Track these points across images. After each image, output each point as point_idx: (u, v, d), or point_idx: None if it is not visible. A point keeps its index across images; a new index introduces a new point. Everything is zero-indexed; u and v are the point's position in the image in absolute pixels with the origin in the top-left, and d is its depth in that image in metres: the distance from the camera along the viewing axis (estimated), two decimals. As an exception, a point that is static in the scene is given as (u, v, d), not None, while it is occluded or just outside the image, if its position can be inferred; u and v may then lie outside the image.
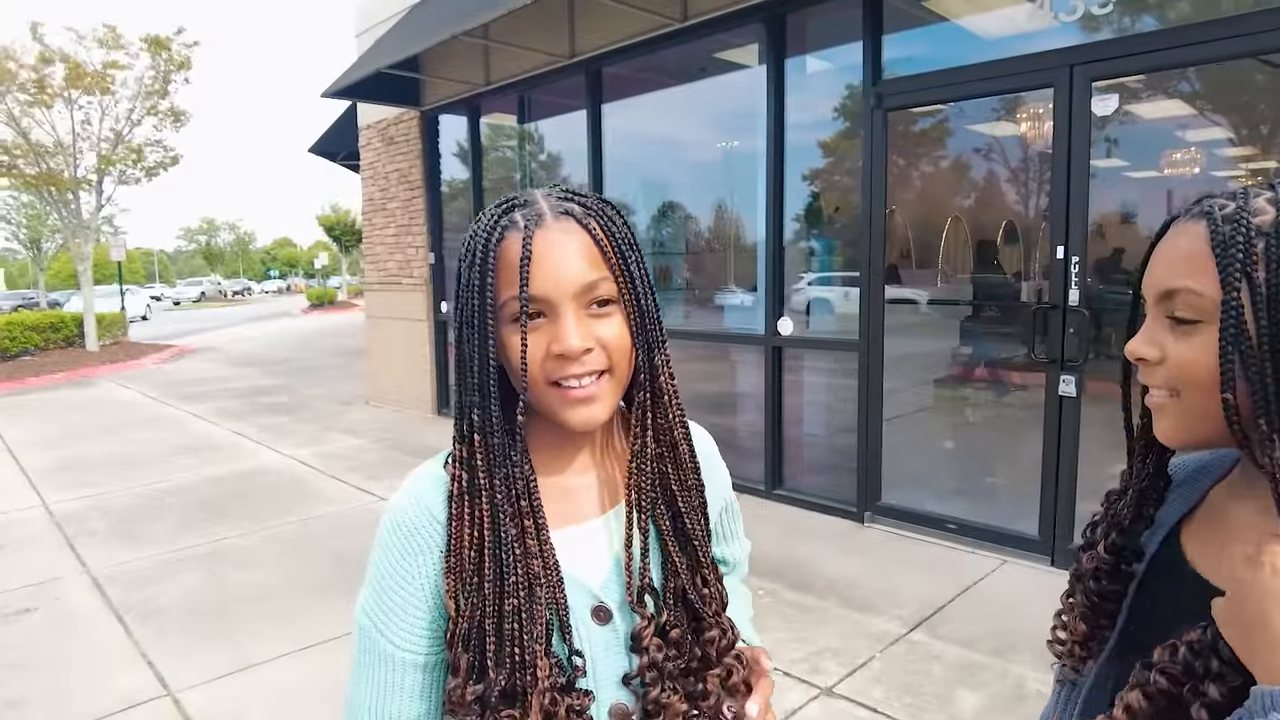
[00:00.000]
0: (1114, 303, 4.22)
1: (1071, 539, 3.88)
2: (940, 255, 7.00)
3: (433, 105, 7.68)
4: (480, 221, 0.76)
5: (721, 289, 6.14)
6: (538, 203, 0.76)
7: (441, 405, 8.06)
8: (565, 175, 7.21)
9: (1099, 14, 3.72)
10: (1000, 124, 5.41)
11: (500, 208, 0.77)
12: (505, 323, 0.74)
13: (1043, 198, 6.29)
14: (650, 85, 6.20)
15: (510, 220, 0.74)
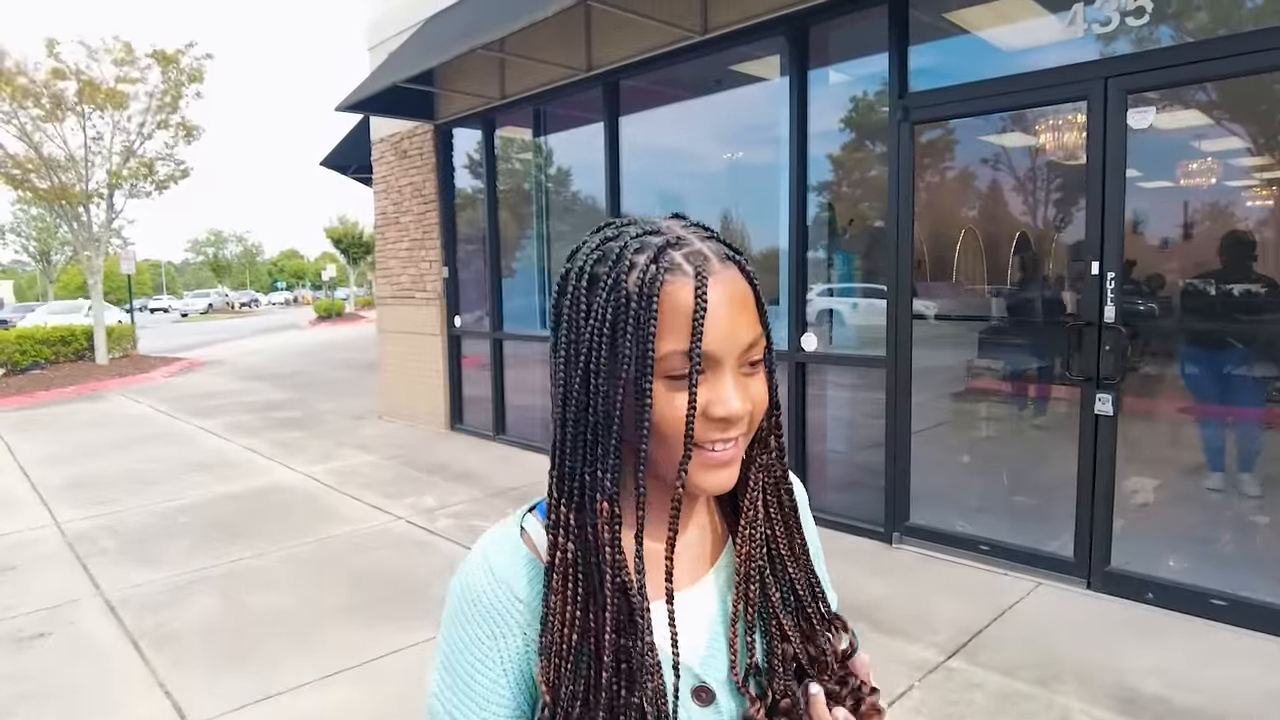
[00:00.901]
0: (1137, 314, 4.11)
1: (1109, 561, 3.78)
2: (954, 267, 6.88)
3: (447, 119, 7.64)
4: (621, 257, 0.66)
5: None
6: (692, 242, 0.68)
7: (454, 420, 7.99)
8: (578, 190, 7.16)
9: (1134, 25, 3.64)
10: (1010, 135, 5.34)
11: (645, 241, 0.68)
12: (656, 378, 0.66)
13: (1056, 208, 6.22)
14: (669, 98, 6.15)
15: (670, 261, 0.66)
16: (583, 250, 0.69)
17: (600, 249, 0.68)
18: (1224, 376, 4.08)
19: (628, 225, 0.70)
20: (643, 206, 6.36)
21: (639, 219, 0.72)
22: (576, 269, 0.68)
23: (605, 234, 0.70)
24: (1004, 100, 4.09)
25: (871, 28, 4.48)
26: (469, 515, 5.21)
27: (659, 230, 0.68)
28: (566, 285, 0.69)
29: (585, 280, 0.67)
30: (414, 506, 5.44)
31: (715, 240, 0.70)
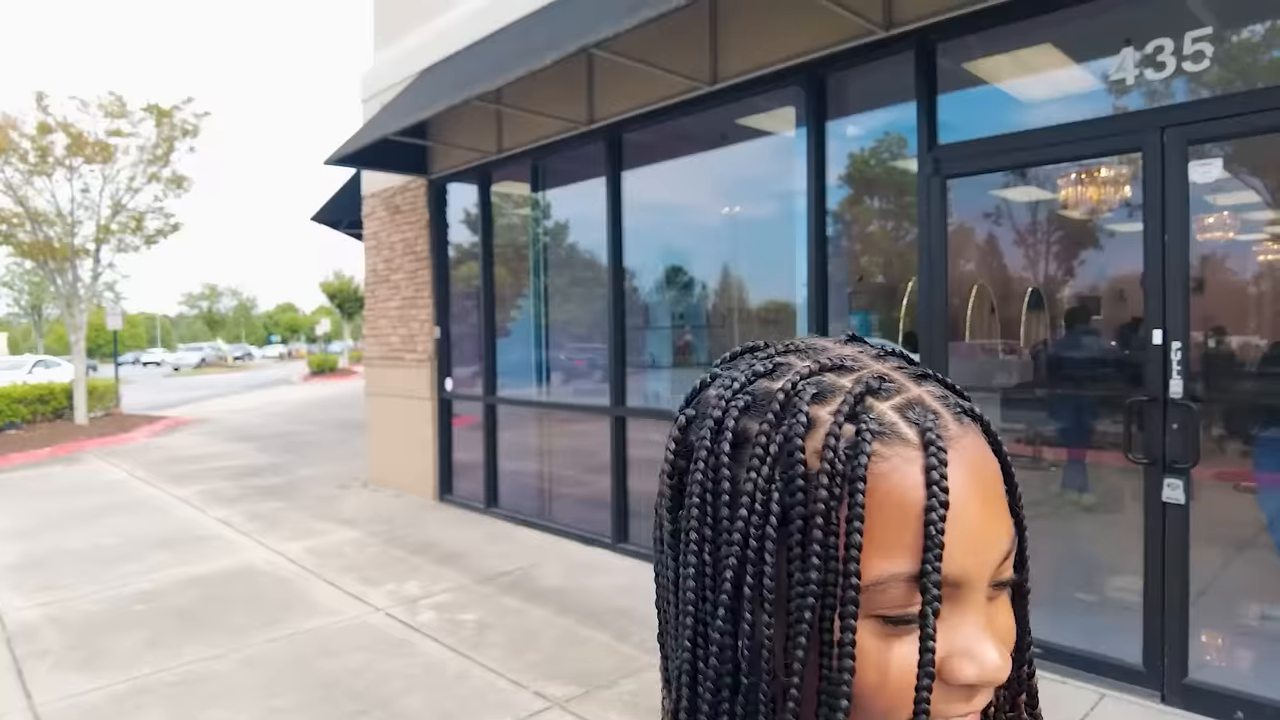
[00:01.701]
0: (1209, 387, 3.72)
1: (1185, 671, 3.31)
2: (984, 326, 6.55)
3: (441, 173, 7.33)
4: (789, 406, 0.46)
5: None
6: (906, 386, 0.47)
7: (443, 490, 7.50)
8: (577, 246, 6.81)
9: (1192, 70, 3.31)
10: (1025, 188, 5.07)
11: (826, 383, 0.47)
12: (861, 616, 0.43)
13: (1055, 264, 5.89)
14: (675, 152, 5.83)
15: (880, 421, 0.44)
16: (715, 388, 0.50)
17: (748, 390, 0.48)
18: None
19: (787, 352, 0.51)
20: (646, 264, 6.00)
21: (798, 342, 0.52)
22: (711, 420, 0.47)
23: (752, 364, 0.50)
24: (1048, 152, 3.74)
25: (896, 76, 4.16)
26: (454, 607, 4.71)
27: (842, 363, 0.48)
28: (690, 444, 0.49)
29: (726, 440, 0.47)
30: (395, 595, 4.94)
31: (935, 381, 0.50)
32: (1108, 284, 6.98)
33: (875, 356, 0.51)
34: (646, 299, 6.14)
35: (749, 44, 4.69)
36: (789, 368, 0.48)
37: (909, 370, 0.49)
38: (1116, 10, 3.55)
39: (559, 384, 6.94)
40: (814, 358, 0.49)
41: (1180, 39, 3.30)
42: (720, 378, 0.51)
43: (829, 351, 0.50)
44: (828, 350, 0.51)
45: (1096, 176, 6.31)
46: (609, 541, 5.75)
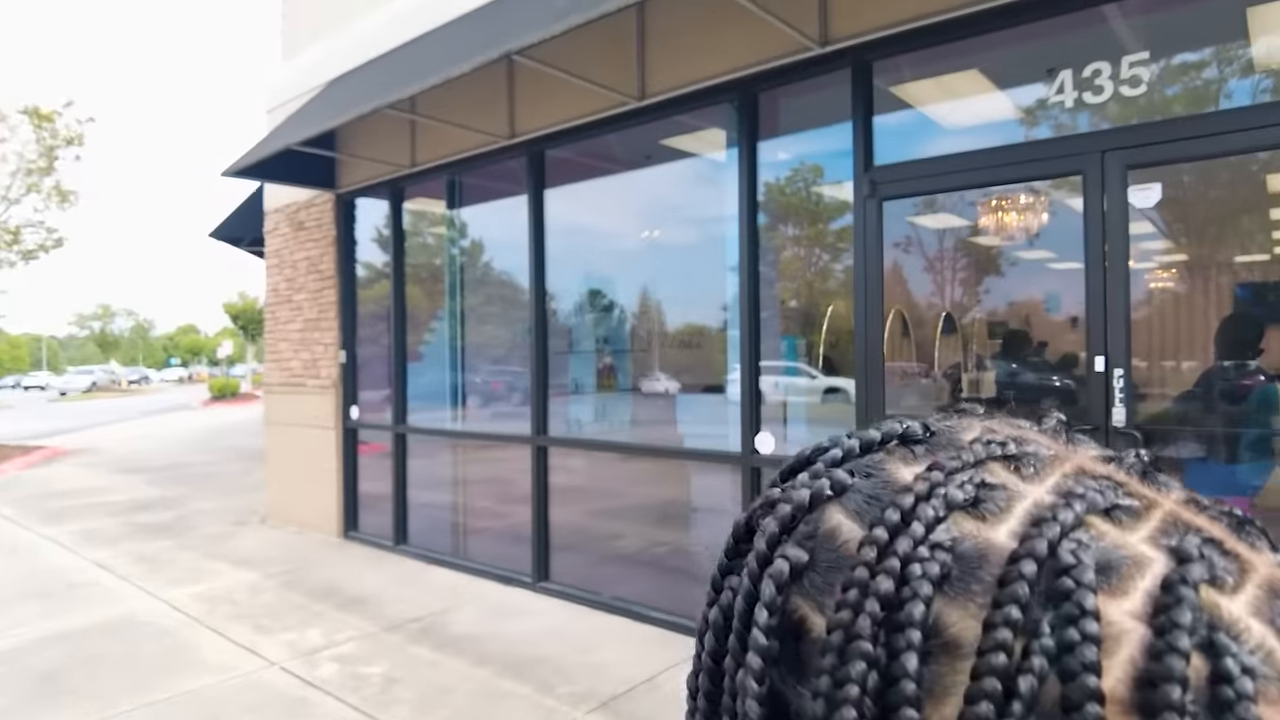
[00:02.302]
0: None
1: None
2: (884, 348, 6.57)
3: (350, 188, 6.91)
4: (1058, 598, 0.26)
5: (649, 375, 5.50)
6: (1231, 544, 0.29)
7: (349, 526, 6.99)
8: (496, 266, 6.49)
9: (1130, 95, 3.26)
10: (942, 215, 5.08)
11: (1119, 540, 0.28)
12: None
13: (960, 289, 5.93)
14: (602, 170, 5.60)
15: (1260, 648, 0.26)
16: (860, 522, 0.31)
17: (941, 543, 0.29)
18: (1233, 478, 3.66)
19: (989, 460, 0.32)
20: (569, 286, 5.73)
21: (990, 428, 0.35)
22: (875, 594, 0.28)
23: (936, 481, 0.30)
24: (989, 174, 3.66)
25: (831, 97, 4.04)
26: (358, 659, 4.28)
27: (1099, 491, 0.30)
28: (806, 620, 0.30)
29: (911, 655, 0.27)
30: (293, 646, 4.46)
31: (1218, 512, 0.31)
32: (1030, 310, 7.08)
33: (1105, 459, 0.33)
34: (568, 321, 5.86)
35: (679, 58, 4.51)
36: (1010, 496, 0.30)
37: (1214, 511, 0.31)
38: (1054, 35, 3.50)
39: (476, 409, 6.58)
40: (1050, 476, 0.31)
41: (1118, 64, 3.26)
42: (857, 490, 0.32)
43: (1066, 464, 0.32)
44: (1060, 461, 0.32)
45: (1016, 203, 6.41)
46: (529, 580, 5.40)
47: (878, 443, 0.34)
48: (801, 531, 0.32)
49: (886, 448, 0.34)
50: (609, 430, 5.75)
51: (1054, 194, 5.70)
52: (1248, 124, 3.02)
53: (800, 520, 0.32)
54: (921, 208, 6.53)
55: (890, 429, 0.34)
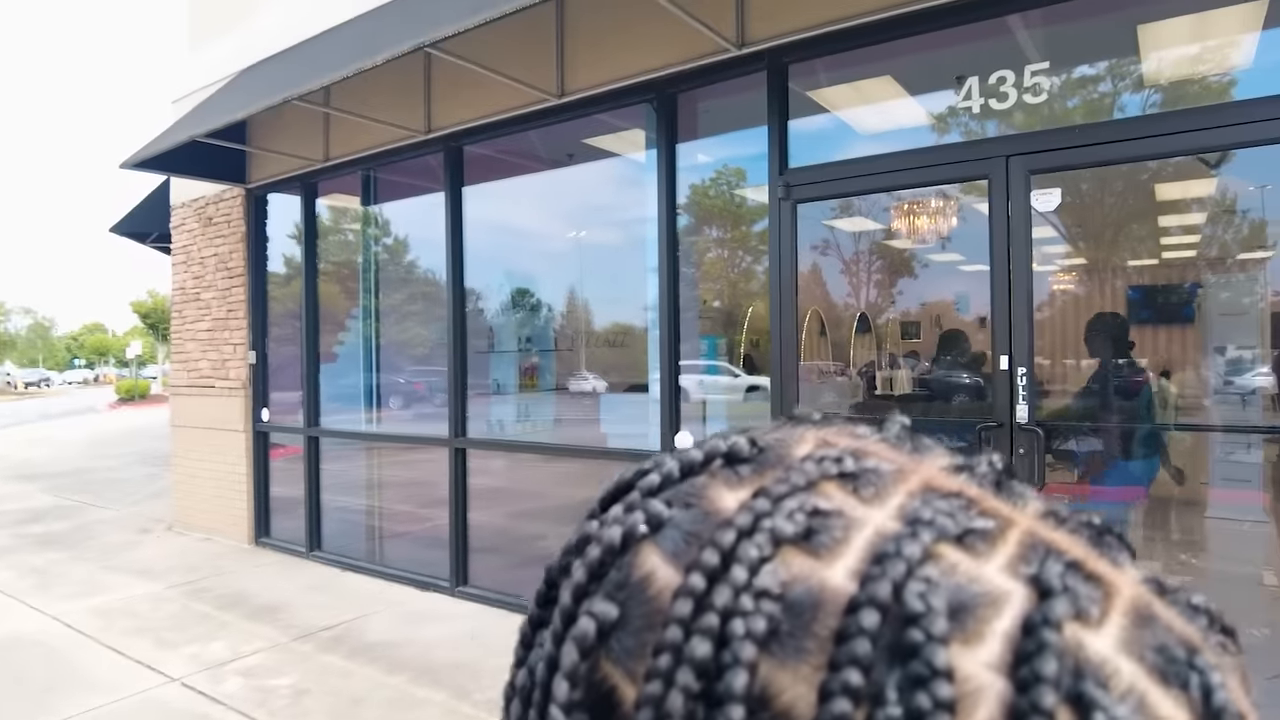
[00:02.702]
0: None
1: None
2: (801, 348, 6.73)
3: (261, 182, 6.66)
4: (907, 653, 0.22)
5: (575, 374, 5.48)
6: (1103, 574, 0.25)
7: (260, 533, 6.74)
8: (414, 264, 6.36)
9: (1032, 103, 3.38)
10: (856, 219, 5.22)
11: (972, 575, 0.24)
12: None
13: (875, 290, 6.11)
14: (522, 168, 5.55)
15: (1130, 701, 0.22)
16: (679, 567, 0.26)
17: (764, 589, 0.24)
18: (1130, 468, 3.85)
19: (821, 480, 0.27)
20: (491, 285, 5.64)
21: (822, 441, 0.30)
22: (686, 662, 0.24)
23: (759, 513, 0.26)
24: (899, 178, 3.74)
25: (749, 99, 4.07)
26: (266, 671, 4.12)
27: (948, 514, 0.25)
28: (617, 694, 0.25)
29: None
30: (196, 660, 4.27)
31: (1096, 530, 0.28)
32: (942, 311, 7.32)
33: (954, 469, 0.29)
34: (491, 321, 5.78)
35: (599, 56, 4.49)
36: (848, 524, 0.25)
37: (1072, 523, 0.27)
38: (962, 43, 3.60)
39: (398, 410, 6.43)
40: (893, 497, 0.26)
41: (1021, 73, 3.38)
42: (675, 524, 0.27)
43: (909, 479, 0.27)
44: (904, 476, 0.27)
45: (927, 207, 6.61)
46: (447, 585, 5.29)
47: (700, 464, 0.29)
48: (613, 580, 0.27)
49: (710, 469, 0.29)
50: (532, 431, 5.69)
51: (964, 198, 5.89)
52: (1139, 133, 3.16)
53: (611, 565, 0.27)
54: (838, 211, 6.69)
55: (713, 447, 0.29)
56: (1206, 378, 5.51)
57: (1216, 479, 4.86)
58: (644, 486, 0.29)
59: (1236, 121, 2.98)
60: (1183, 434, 5.15)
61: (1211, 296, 6.22)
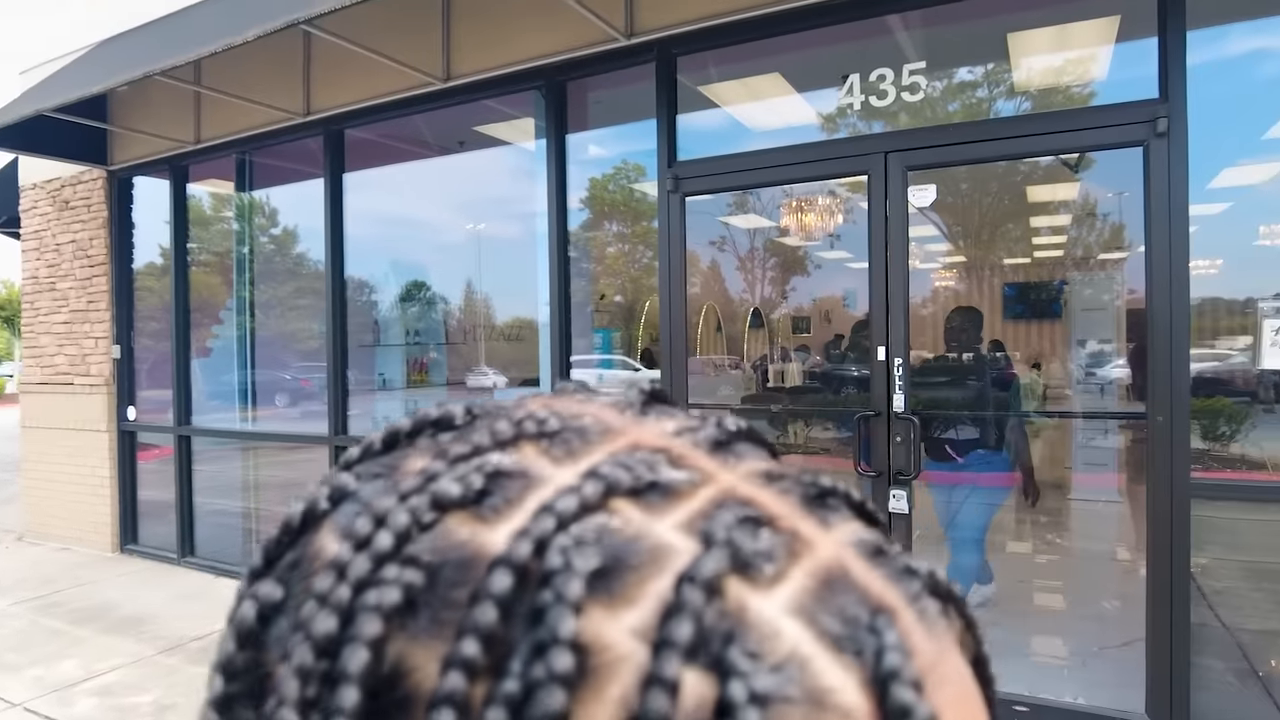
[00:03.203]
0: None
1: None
2: (697, 342, 6.86)
3: (125, 164, 6.21)
4: (531, 625, 0.20)
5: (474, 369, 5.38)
6: (803, 533, 0.23)
7: (126, 539, 6.30)
8: (294, 254, 6.07)
9: (910, 101, 3.49)
10: (749, 216, 5.31)
11: (637, 531, 0.21)
12: None
13: (769, 286, 6.25)
14: (408, 155, 5.36)
15: (784, 668, 0.19)
16: (337, 539, 0.24)
17: (411, 557, 0.22)
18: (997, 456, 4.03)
19: (519, 439, 0.25)
20: (377, 276, 5.44)
21: (530, 408, 0.27)
22: (312, 638, 0.21)
23: (427, 476, 0.24)
24: (785, 172, 3.79)
25: (638, 91, 4.05)
26: (126, 688, 3.84)
27: (627, 466, 0.23)
28: (268, 672, 0.23)
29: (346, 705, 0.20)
30: (42, 682, 3.93)
31: (821, 491, 0.26)
32: (831, 306, 7.53)
33: (679, 432, 0.27)
34: (377, 315, 5.57)
35: (486, 41, 4.37)
36: (527, 484, 0.23)
37: (790, 481, 0.25)
38: (846, 40, 3.68)
39: (283, 408, 6.13)
40: (588, 456, 0.24)
41: (899, 70, 3.48)
42: (357, 497, 0.25)
43: (618, 439, 0.25)
44: (612, 436, 0.25)
45: (815, 204, 6.78)
46: (332, 588, 5.07)
47: (406, 433, 0.27)
48: (286, 560, 0.24)
49: (416, 440, 0.27)
50: (420, 427, 5.52)
51: (851, 197, 6.06)
52: (1008, 133, 3.30)
53: (289, 545, 0.25)
54: (734, 208, 6.78)
55: (423, 416, 0.28)
56: (1071, 369, 5.86)
57: (1078, 464, 5.18)
58: (342, 460, 0.27)
59: (1093, 125, 3.15)
60: (1049, 421, 5.46)
61: (1076, 294, 6.62)
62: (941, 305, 7.27)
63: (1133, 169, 3.09)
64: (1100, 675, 3.50)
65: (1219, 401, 3.98)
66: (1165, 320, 2.94)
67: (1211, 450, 3.86)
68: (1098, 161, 4.92)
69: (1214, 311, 3.77)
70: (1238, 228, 3.70)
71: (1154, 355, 2.98)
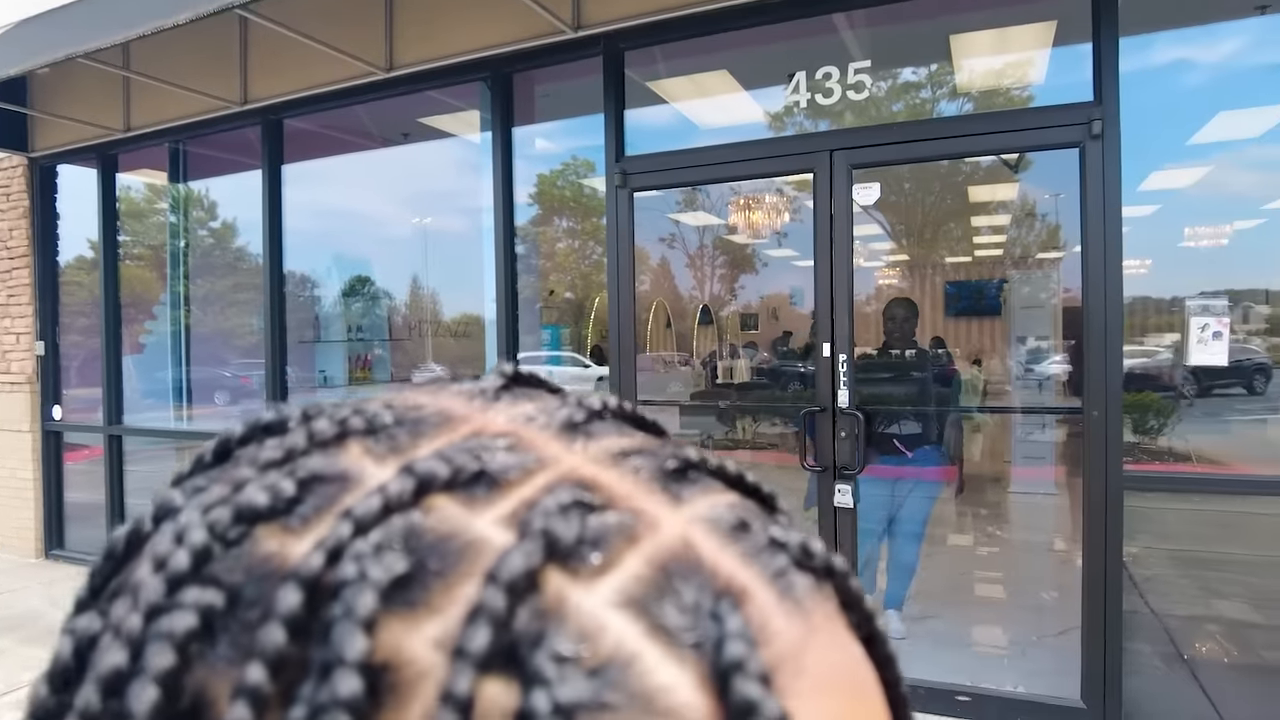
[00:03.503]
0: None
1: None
2: (647, 339, 6.84)
3: (48, 151, 5.94)
4: (324, 630, 0.18)
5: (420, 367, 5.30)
6: (646, 512, 0.21)
7: (52, 544, 6.04)
8: (230, 247, 5.90)
9: (855, 100, 3.53)
10: (699, 214, 5.33)
11: (456, 525, 0.19)
12: None
13: (718, 283, 6.27)
14: (348, 146, 5.24)
15: (606, 667, 0.17)
16: (143, 561, 0.21)
17: (208, 574, 0.20)
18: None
19: (342, 437, 0.23)
20: (315, 270, 5.31)
21: (369, 406, 0.25)
22: (106, 669, 0.19)
23: (240, 481, 0.22)
24: (732, 169, 3.80)
25: (586, 85, 4.02)
26: (49, 697, 3.66)
27: (449, 460, 0.21)
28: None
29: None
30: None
31: (682, 463, 0.23)
32: (779, 304, 7.58)
33: (530, 418, 0.24)
34: (319, 310, 5.44)
35: (429, 29, 4.29)
36: (343, 486, 0.21)
37: (616, 442, 0.23)
38: (792, 38, 3.70)
39: (222, 406, 5.95)
40: (389, 448, 0.22)
41: (845, 69, 3.51)
42: (179, 515, 0.22)
43: (460, 428, 0.23)
44: (454, 425, 0.23)
45: (762, 202, 6.83)
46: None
47: (237, 440, 0.25)
48: (110, 589, 0.22)
49: (244, 448, 0.24)
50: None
51: (797, 195, 6.11)
52: (953, 132, 3.36)
53: (113, 573, 0.22)
54: (682, 205, 6.77)
55: (255, 420, 0.25)
56: (1010, 365, 6.00)
57: (1018, 458, 5.31)
58: (173, 475, 0.25)
59: (1032, 126, 3.23)
60: (989, 416, 5.58)
61: (1015, 291, 6.78)
62: (884, 301, 7.39)
63: (1068, 171, 3.17)
64: (1039, 664, 3.58)
65: (1147, 396, 4.11)
66: (1100, 317, 3.02)
67: (1141, 444, 3.99)
68: (1035, 163, 5.06)
69: (1143, 310, 3.89)
70: (1165, 229, 3.83)
71: (1089, 351, 3.05)
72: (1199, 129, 3.66)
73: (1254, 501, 3.31)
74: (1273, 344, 4.14)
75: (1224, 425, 4.37)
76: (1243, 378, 4.39)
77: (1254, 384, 4.46)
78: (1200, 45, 3.61)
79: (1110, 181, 3.01)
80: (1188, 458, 4.10)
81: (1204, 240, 3.59)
